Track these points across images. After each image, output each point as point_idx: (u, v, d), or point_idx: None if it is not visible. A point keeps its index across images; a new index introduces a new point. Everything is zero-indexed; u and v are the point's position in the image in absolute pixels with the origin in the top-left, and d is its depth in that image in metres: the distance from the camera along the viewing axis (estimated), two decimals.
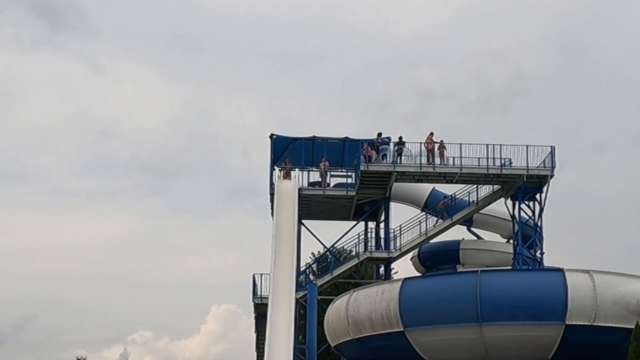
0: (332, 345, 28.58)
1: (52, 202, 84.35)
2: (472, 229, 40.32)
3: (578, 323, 23.88)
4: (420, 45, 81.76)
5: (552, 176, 34.01)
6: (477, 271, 25.50)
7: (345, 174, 37.71)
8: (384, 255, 35.16)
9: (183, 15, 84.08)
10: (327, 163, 36.66)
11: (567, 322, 23.82)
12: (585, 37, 77.31)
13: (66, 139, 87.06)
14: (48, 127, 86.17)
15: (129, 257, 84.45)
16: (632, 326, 22.44)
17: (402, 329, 24.92)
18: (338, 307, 27.31)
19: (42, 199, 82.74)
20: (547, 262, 34.18)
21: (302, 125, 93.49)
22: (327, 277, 35.15)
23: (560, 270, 24.72)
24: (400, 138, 35.20)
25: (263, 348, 31.56)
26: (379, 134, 35.76)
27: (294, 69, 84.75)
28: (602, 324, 24.00)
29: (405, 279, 26.12)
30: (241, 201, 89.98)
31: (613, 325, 24.06)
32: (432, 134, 34.72)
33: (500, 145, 34.49)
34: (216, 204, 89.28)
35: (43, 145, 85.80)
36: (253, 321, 37.78)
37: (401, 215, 38.13)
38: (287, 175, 36.42)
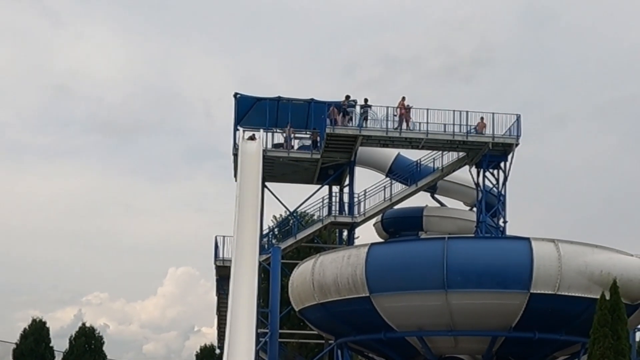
0: (297, 309, 28.30)
1: (7, 158, 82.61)
2: (436, 195, 40.41)
3: (542, 292, 23.89)
4: (385, 12, 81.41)
5: (517, 144, 34.11)
6: (444, 238, 25.36)
7: (309, 136, 37.29)
8: (348, 220, 34.97)
9: None
10: (291, 129, 36.16)
11: (531, 291, 23.80)
12: (551, 8, 77.78)
13: (23, 95, 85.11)
14: (4, 81, 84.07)
15: (85, 217, 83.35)
16: (595, 296, 22.51)
17: (368, 295, 24.69)
18: (303, 271, 26.99)
19: None
20: (510, 230, 34.36)
21: (264, 87, 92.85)
22: (290, 241, 34.84)
23: (527, 239, 24.68)
24: (366, 100, 34.85)
25: (225, 311, 31.32)
26: (347, 97, 35.33)
27: (258, 30, 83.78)
28: (566, 293, 24.05)
29: (372, 244, 25.85)
30: (202, 162, 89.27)
31: (576, 294, 24.12)
32: (403, 98, 34.43)
33: (467, 112, 34.51)
34: (176, 164, 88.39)
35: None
36: (211, 284, 37.57)
37: (365, 180, 38.07)
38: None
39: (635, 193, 72.91)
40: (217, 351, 51.24)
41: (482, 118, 34.46)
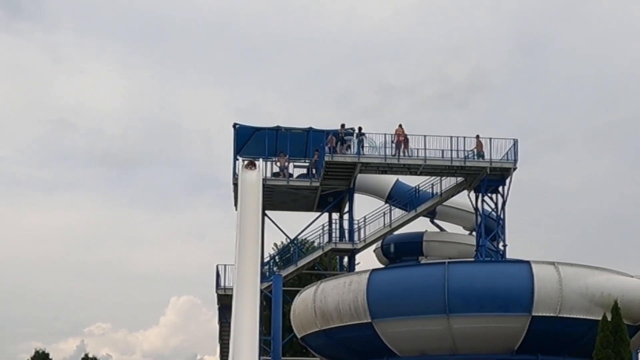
0: (299, 336, 28.37)
1: (9, 193, 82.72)
2: (435, 220, 40.49)
3: (544, 314, 24.06)
4: (381, 40, 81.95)
5: (515, 169, 34.29)
6: (444, 262, 25.52)
7: (307, 164, 37.49)
8: (349, 246, 35.06)
9: (144, 4, 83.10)
10: (286, 157, 36.40)
11: (533, 314, 23.97)
12: (544, 33, 78.23)
13: (23, 129, 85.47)
14: (5, 116, 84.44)
15: (87, 248, 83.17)
16: (597, 318, 22.69)
17: (369, 320, 24.82)
18: (305, 298, 27.11)
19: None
20: (509, 254, 34.46)
21: (263, 117, 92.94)
22: (291, 268, 34.91)
23: (527, 262, 24.85)
24: (360, 129, 35.09)
25: (227, 339, 31.32)
26: (342, 125, 35.63)
27: (256, 61, 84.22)
28: (568, 316, 24.22)
29: (373, 270, 26.03)
30: (203, 192, 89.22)
31: (578, 316, 24.28)
32: (400, 126, 34.70)
33: (464, 137, 34.73)
34: (177, 195, 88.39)
35: (0, 134, 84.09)
36: (213, 313, 37.53)
37: (365, 206, 38.18)
38: (251, 166, 36.01)
39: (633, 214, 72.94)
40: None
41: (477, 136, 34.67)
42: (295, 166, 37.51)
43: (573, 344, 24.70)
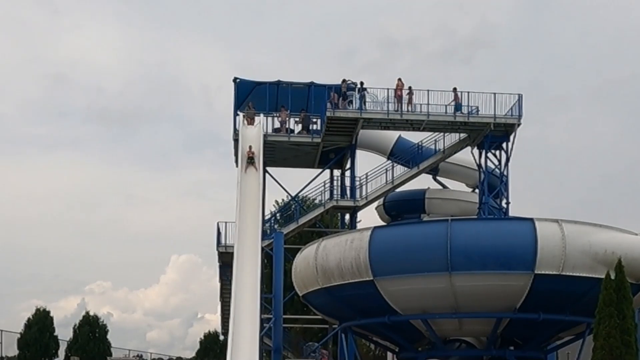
0: (300, 294, 28.23)
1: (7, 150, 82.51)
2: (438, 178, 40.29)
3: (547, 272, 23.80)
4: None
5: (519, 125, 33.94)
6: (447, 220, 25.18)
7: (299, 119, 37.05)
8: (350, 203, 34.87)
9: None
10: (287, 112, 35.96)
11: (536, 272, 23.69)
12: None
13: (22, 85, 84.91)
14: (2, 72, 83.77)
15: (87, 206, 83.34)
16: (599, 276, 22.46)
17: (371, 278, 24.58)
18: (307, 256, 26.88)
19: None
20: (512, 212, 34.22)
21: (263, 73, 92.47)
22: (292, 226, 34.74)
23: (530, 220, 24.54)
24: (362, 84, 34.63)
25: (228, 297, 31.32)
26: (344, 80, 35.15)
27: (257, 17, 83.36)
28: (570, 274, 23.93)
29: (375, 228, 25.70)
30: (203, 150, 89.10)
31: (581, 274, 24.00)
32: (400, 80, 34.20)
33: (468, 92, 34.30)
34: (177, 152, 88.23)
35: None
36: (214, 271, 37.50)
37: (367, 163, 37.91)
38: (250, 121, 35.66)
39: (637, 173, 72.77)
40: (221, 338, 51.22)
41: (455, 89, 34.07)
42: (296, 122, 37.13)
43: (576, 302, 24.51)
